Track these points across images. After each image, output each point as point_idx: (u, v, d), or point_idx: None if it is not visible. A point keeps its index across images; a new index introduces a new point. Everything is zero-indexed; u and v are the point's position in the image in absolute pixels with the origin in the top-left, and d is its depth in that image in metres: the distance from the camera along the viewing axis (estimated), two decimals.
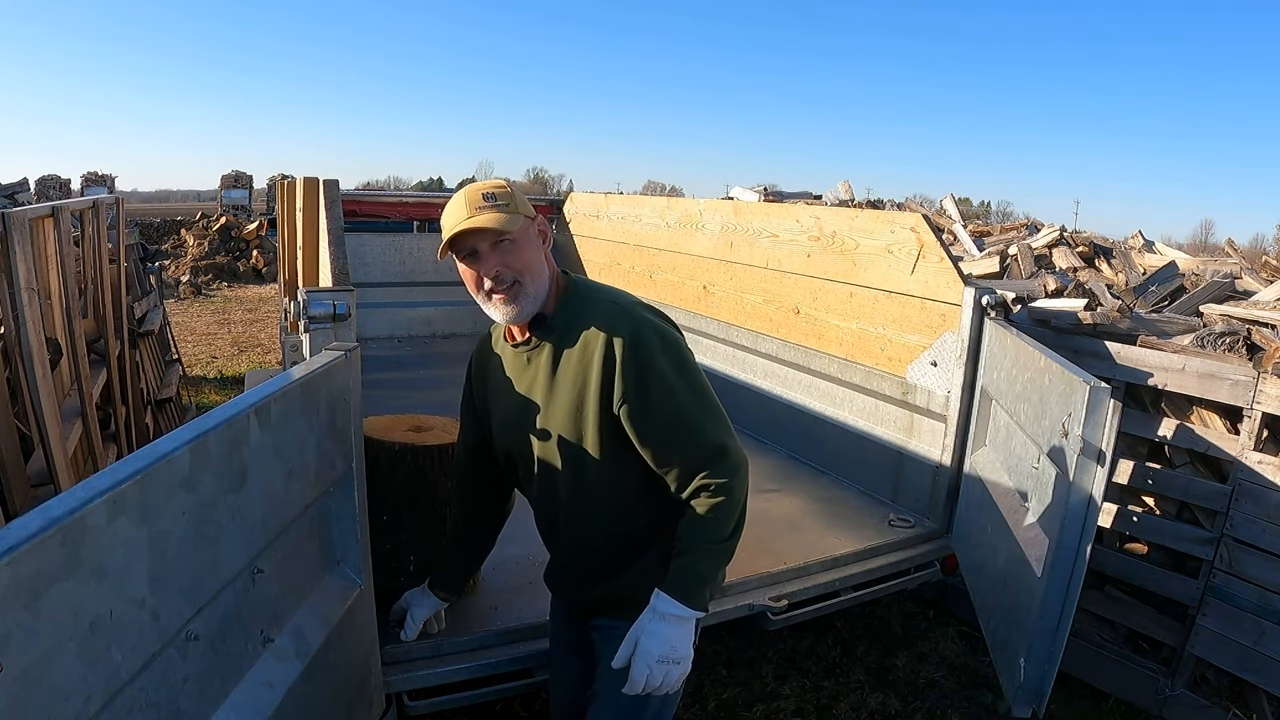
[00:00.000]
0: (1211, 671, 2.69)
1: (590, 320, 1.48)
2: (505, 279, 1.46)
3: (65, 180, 20.34)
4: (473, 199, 1.45)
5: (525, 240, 1.48)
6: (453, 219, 1.46)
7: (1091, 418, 1.86)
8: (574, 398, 1.48)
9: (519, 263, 1.46)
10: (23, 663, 0.79)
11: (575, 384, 1.48)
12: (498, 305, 1.49)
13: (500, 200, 1.45)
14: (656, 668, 1.43)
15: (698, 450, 1.45)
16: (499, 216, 1.43)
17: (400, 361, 4.82)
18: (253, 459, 1.24)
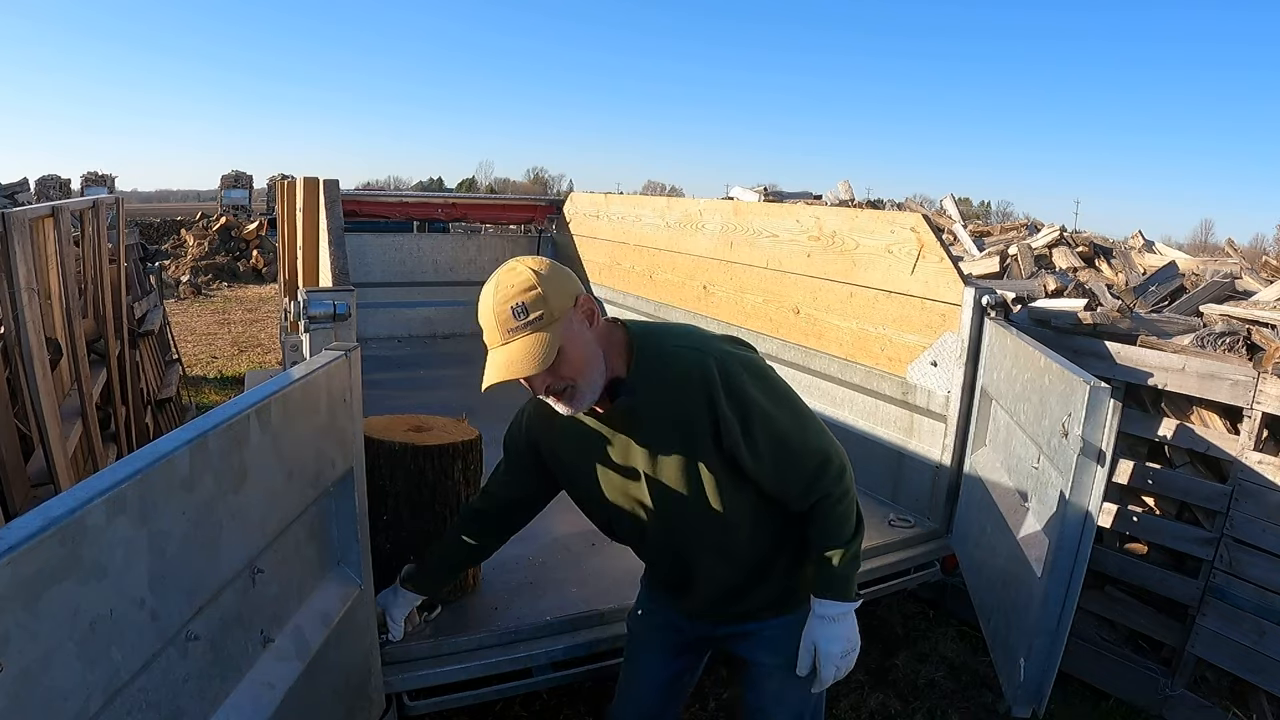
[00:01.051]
0: (1211, 671, 2.69)
1: (673, 371, 1.44)
2: (556, 388, 1.40)
3: (65, 180, 20.35)
4: (503, 319, 1.35)
5: (570, 346, 1.37)
6: (488, 337, 1.39)
7: (1091, 418, 1.86)
8: (682, 449, 1.46)
9: (569, 371, 1.38)
10: (23, 663, 0.79)
11: (679, 435, 1.46)
12: (557, 405, 1.44)
13: (532, 314, 1.34)
14: (841, 662, 1.56)
15: (807, 467, 1.48)
16: (534, 351, 1.33)
17: (400, 361, 4.82)
18: (253, 459, 1.24)
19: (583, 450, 1.57)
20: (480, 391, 1.42)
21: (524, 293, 1.35)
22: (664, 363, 1.45)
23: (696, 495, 1.49)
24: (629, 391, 1.44)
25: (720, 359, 1.43)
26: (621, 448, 1.51)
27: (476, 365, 1.43)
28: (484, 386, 1.36)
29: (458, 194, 10.79)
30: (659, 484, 1.50)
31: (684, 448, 1.46)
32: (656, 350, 1.47)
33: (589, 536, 2.42)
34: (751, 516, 1.54)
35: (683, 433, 1.45)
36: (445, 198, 6.12)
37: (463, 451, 2.08)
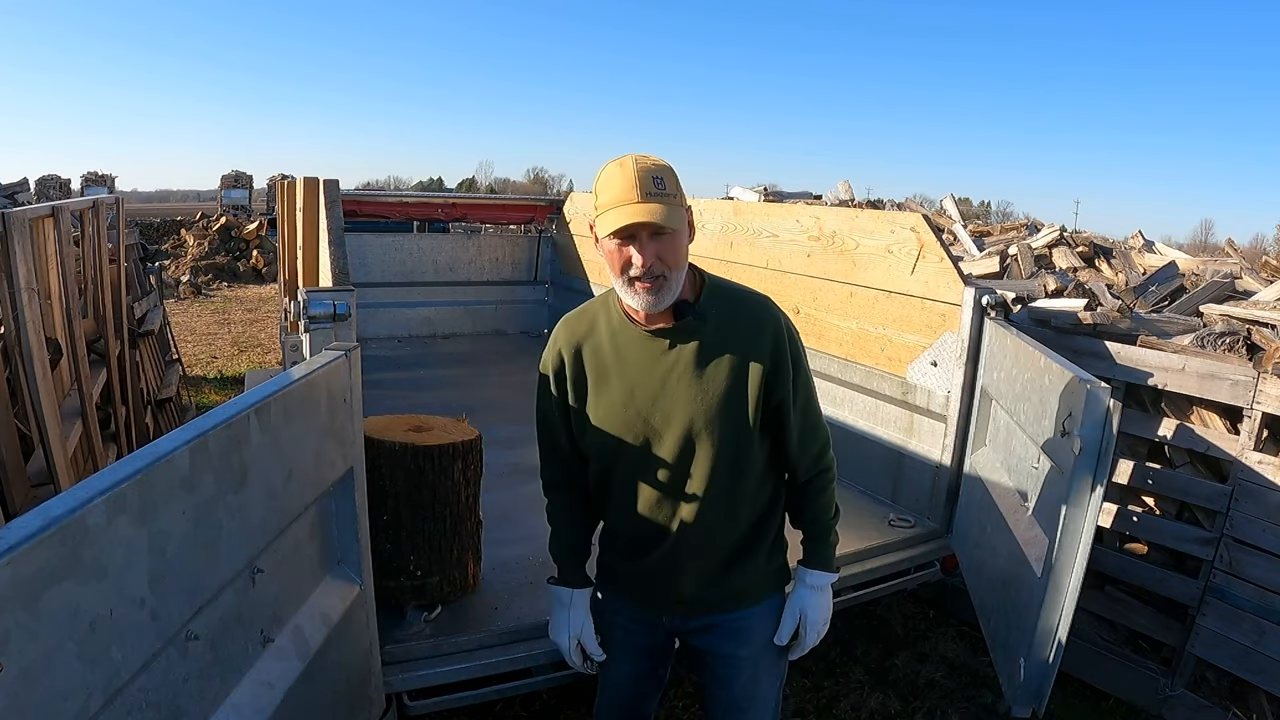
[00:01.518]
0: (1211, 671, 2.69)
1: (745, 313, 1.52)
2: (655, 272, 1.42)
3: (65, 180, 20.34)
4: (643, 181, 1.39)
5: (682, 235, 1.45)
6: (617, 197, 1.39)
7: (1091, 418, 1.85)
8: (732, 385, 1.49)
9: (672, 258, 1.43)
10: (23, 663, 0.79)
11: (735, 372, 1.49)
12: (639, 293, 1.44)
13: (669, 190, 1.41)
14: (822, 629, 1.65)
15: (819, 439, 1.61)
16: (666, 210, 1.39)
17: (400, 361, 4.82)
18: (253, 459, 1.24)
19: (623, 358, 1.54)
20: (481, 391, 1.42)
21: (664, 170, 1.43)
22: (737, 298, 1.55)
23: (726, 434, 1.50)
24: (698, 314, 1.50)
25: (783, 316, 1.54)
26: (666, 368, 1.51)
27: (477, 365, 1.42)
28: (614, 228, 1.38)
29: (458, 194, 10.79)
30: (690, 415, 1.50)
31: (736, 383, 1.49)
32: (728, 287, 1.57)
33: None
34: (759, 474, 1.57)
35: (740, 370, 1.49)
36: (445, 198, 6.12)
37: (463, 451, 2.08)
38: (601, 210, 1.42)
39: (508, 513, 2.60)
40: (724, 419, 1.50)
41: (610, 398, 1.55)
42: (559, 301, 5.70)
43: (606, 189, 1.42)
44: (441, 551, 2.08)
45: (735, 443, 1.52)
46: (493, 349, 5.30)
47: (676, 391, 1.51)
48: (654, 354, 1.52)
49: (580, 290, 5.27)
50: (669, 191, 1.41)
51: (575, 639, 1.68)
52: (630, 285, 1.44)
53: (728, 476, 1.54)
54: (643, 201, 1.37)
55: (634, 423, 1.54)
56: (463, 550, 2.13)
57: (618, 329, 1.55)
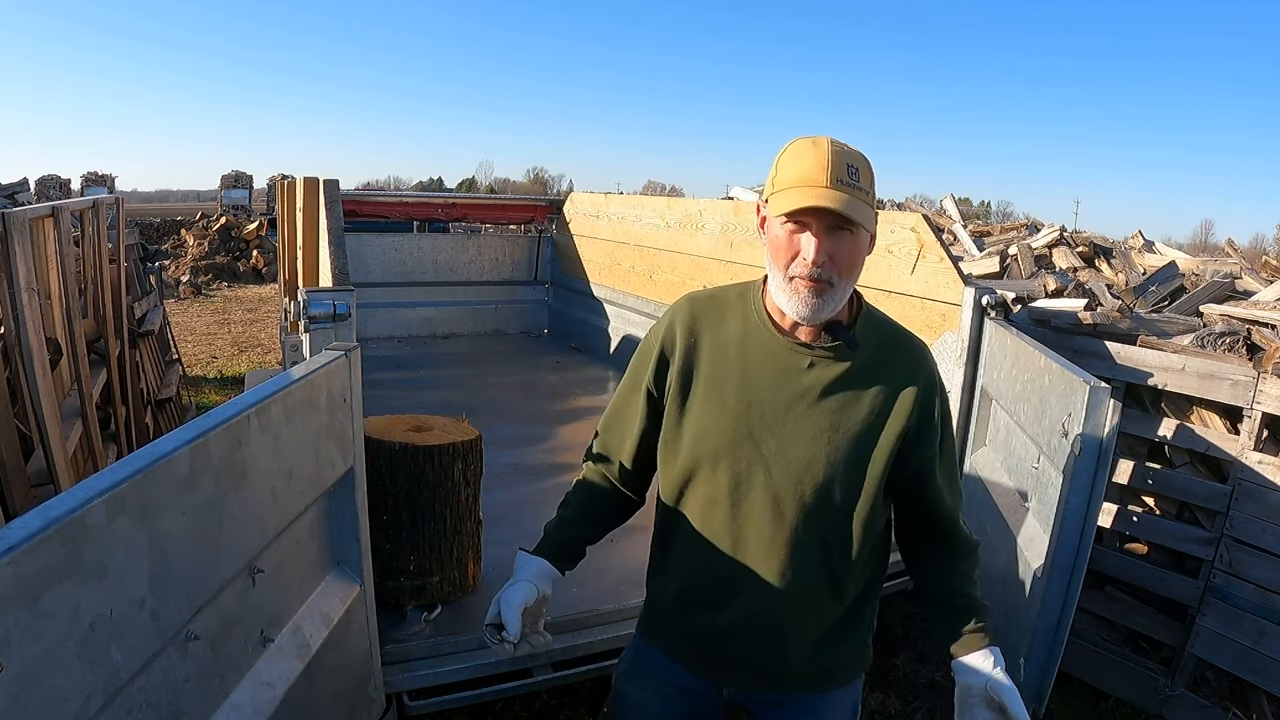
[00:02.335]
0: (1211, 671, 2.69)
1: (900, 350, 1.32)
2: (825, 275, 1.21)
3: (65, 180, 20.34)
4: (837, 166, 1.18)
5: (863, 240, 1.24)
6: (803, 176, 1.19)
7: (1091, 418, 1.86)
8: (870, 431, 1.27)
9: (848, 262, 1.23)
10: (23, 663, 0.79)
11: (877, 418, 1.27)
12: (799, 294, 1.23)
13: (864, 186, 1.20)
14: None
15: (960, 506, 1.39)
16: (858, 205, 1.18)
17: (400, 361, 4.82)
18: (253, 459, 1.24)
19: (750, 364, 1.31)
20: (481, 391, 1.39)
21: (862, 161, 1.22)
22: (893, 334, 1.34)
23: (861, 469, 1.27)
24: (854, 342, 1.28)
25: (935, 366, 1.35)
26: (801, 386, 1.28)
27: (477, 365, 1.41)
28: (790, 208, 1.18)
29: (458, 194, 10.80)
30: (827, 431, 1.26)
31: (873, 422, 1.27)
32: (884, 320, 1.37)
33: None
34: (876, 540, 1.34)
35: (885, 405, 1.27)
36: (445, 198, 6.13)
37: (463, 451, 2.08)
38: (779, 189, 1.22)
39: (508, 513, 2.60)
40: (853, 468, 1.27)
41: (719, 406, 1.30)
42: (559, 302, 5.71)
43: (791, 165, 1.21)
44: (441, 551, 2.08)
45: (859, 498, 1.28)
46: (493, 349, 5.30)
47: (804, 421, 1.27)
48: (789, 370, 1.29)
49: (580, 290, 5.28)
50: (863, 186, 1.20)
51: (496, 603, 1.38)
52: (789, 282, 1.24)
53: (841, 535, 1.30)
54: (831, 187, 1.17)
55: (739, 444, 1.28)
56: (463, 550, 2.13)
57: (754, 328, 1.32)
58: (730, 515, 1.31)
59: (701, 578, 1.35)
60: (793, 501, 1.27)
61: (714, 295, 1.41)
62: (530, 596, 1.39)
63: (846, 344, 1.28)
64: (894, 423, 1.27)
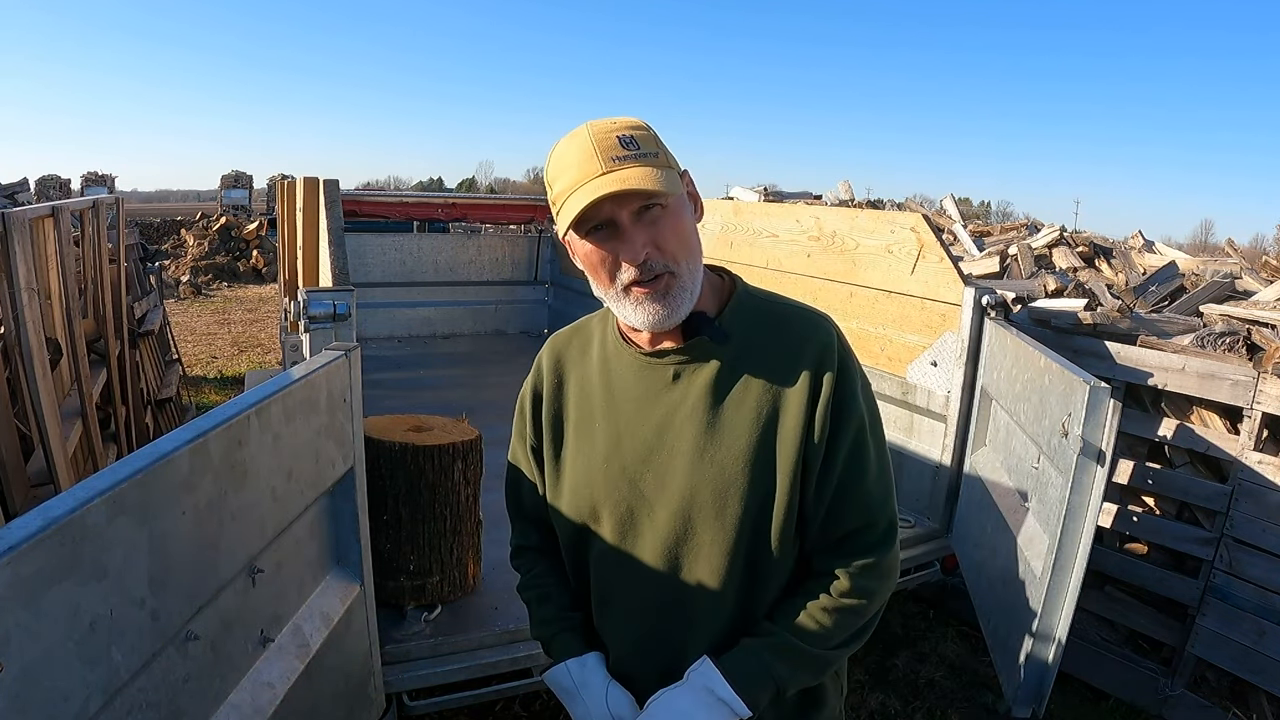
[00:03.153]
0: (1211, 671, 2.69)
1: (784, 330, 1.07)
2: (654, 266, 1.00)
3: (65, 180, 20.33)
4: (605, 144, 0.98)
5: (681, 208, 1.02)
6: (576, 175, 0.98)
7: (1091, 418, 1.86)
8: (755, 428, 1.04)
9: (674, 242, 1.00)
10: (23, 663, 0.79)
11: (763, 415, 1.04)
12: (640, 304, 1.02)
13: (643, 146, 0.99)
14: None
15: (859, 524, 1.07)
16: (649, 172, 0.96)
17: (400, 361, 4.82)
18: (253, 459, 1.24)
19: (614, 394, 1.12)
20: (481, 391, 1.38)
21: (634, 128, 1.01)
22: (776, 316, 1.09)
23: (752, 490, 1.04)
24: (719, 335, 1.06)
25: (842, 345, 1.07)
26: (671, 405, 1.07)
27: (477, 365, 1.40)
28: (584, 205, 0.96)
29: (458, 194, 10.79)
30: (706, 450, 1.04)
31: (763, 430, 1.04)
32: (765, 299, 1.12)
33: None
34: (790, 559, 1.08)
35: (770, 412, 1.04)
36: (445, 198, 6.13)
37: (463, 451, 2.08)
38: (559, 203, 1.01)
39: (508, 513, 2.60)
40: (750, 486, 1.04)
41: (589, 450, 1.12)
42: (559, 302, 5.71)
43: (559, 172, 1.01)
44: (441, 551, 2.08)
45: (771, 522, 1.04)
46: (493, 349, 5.30)
47: (678, 445, 1.06)
48: (653, 388, 1.09)
49: (580, 290, 5.27)
50: (647, 150, 0.99)
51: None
52: (626, 295, 1.03)
53: (745, 577, 1.06)
54: (610, 170, 0.96)
55: (616, 487, 1.09)
56: (463, 550, 2.13)
57: (613, 352, 1.13)
58: (620, 572, 1.11)
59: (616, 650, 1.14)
60: (687, 543, 1.06)
61: (577, 327, 1.22)
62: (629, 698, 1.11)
63: (710, 338, 1.06)
64: (788, 417, 1.03)
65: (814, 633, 1.05)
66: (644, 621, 1.11)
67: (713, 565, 1.06)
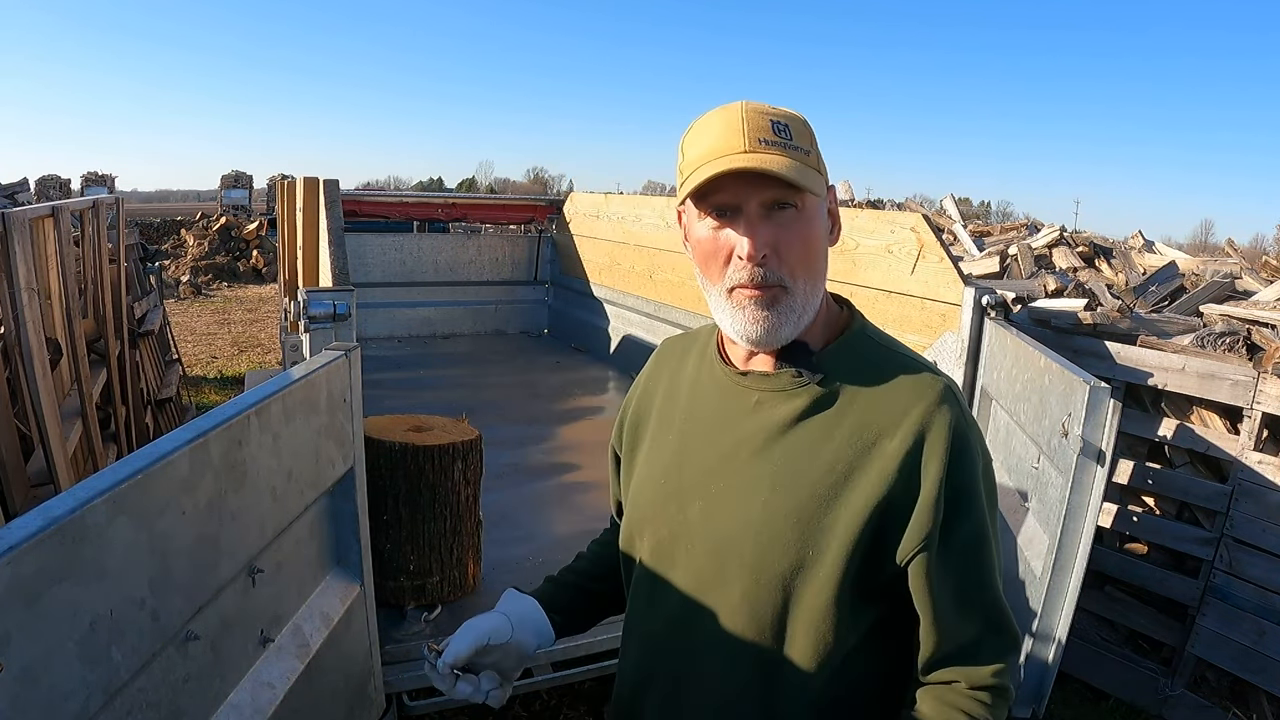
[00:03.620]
0: (1211, 671, 2.69)
1: (894, 384, 0.92)
2: (769, 276, 0.88)
3: (65, 180, 20.33)
4: (755, 123, 0.87)
5: (816, 218, 0.91)
6: (714, 145, 0.88)
7: (1091, 418, 1.86)
8: (824, 486, 0.89)
9: (798, 253, 0.89)
10: (23, 663, 0.79)
11: (840, 469, 0.89)
12: (742, 307, 0.90)
13: (796, 139, 0.88)
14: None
15: (979, 623, 0.93)
16: (794, 164, 0.86)
17: (400, 361, 4.82)
18: (253, 459, 1.24)
19: (694, 408, 1.02)
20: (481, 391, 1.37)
21: (792, 118, 0.90)
22: (887, 365, 0.95)
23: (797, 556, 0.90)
24: (811, 368, 0.93)
25: (962, 415, 0.91)
26: (744, 431, 0.95)
27: (477, 365, 1.39)
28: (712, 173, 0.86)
29: (458, 194, 10.80)
30: (761, 494, 0.92)
31: (834, 485, 0.89)
32: (881, 343, 0.99)
33: (589, 536, 2.41)
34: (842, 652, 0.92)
35: (858, 459, 0.89)
36: (445, 198, 6.13)
37: (463, 451, 2.08)
38: (687, 172, 0.90)
39: (507, 513, 2.60)
40: (797, 549, 0.89)
41: (655, 462, 1.04)
42: (559, 302, 5.71)
43: (697, 140, 0.90)
44: (441, 551, 2.08)
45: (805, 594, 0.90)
46: (493, 349, 5.30)
47: (737, 480, 0.94)
48: (731, 412, 0.97)
49: (580, 290, 5.28)
50: (800, 145, 0.88)
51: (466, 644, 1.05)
52: (729, 296, 0.91)
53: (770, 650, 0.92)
54: (752, 151, 0.85)
55: (665, 508, 1.00)
56: (463, 550, 2.13)
57: (707, 364, 1.03)
58: (647, 599, 1.02)
59: (627, 672, 1.07)
60: (716, 591, 0.94)
61: (686, 334, 1.15)
62: (499, 632, 1.07)
63: (800, 371, 0.93)
64: (865, 487, 0.88)
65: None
66: (656, 656, 1.01)
67: (737, 622, 0.93)
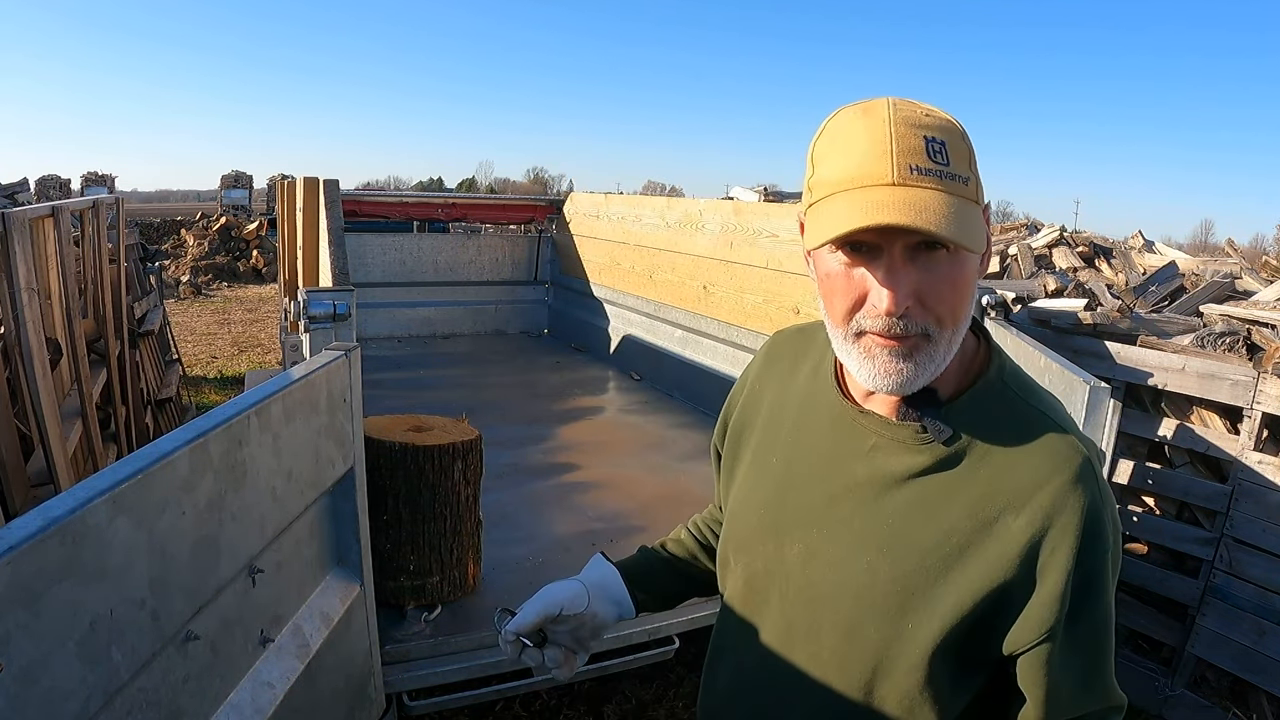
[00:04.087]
0: (1211, 671, 2.69)
1: (1025, 450, 0.81)
2: (910, 327, 0.76)
3: (65, 180, 20.34)
4: (906, 142, 0.73)
5: (970, 259, 0.78)
6: (855, 170, 0.75)
7: (1091, 418, 1.86)
8: (939, 556, 0.81)
9: (948, 301, 0.77)
10: (23, 663, 0.79)
11: (955, 541, 0.81)
12: (873, 357, 0.79)
13: (954, 164, 0.74)
14: None
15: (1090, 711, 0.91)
16: (950, 204, 0.72)
17: (400, 361, 4.82)
18: (253, 459, 1.24)
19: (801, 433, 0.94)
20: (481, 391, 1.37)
21: (947, 132, 0.76)
22: (1025, 424, 0.83)
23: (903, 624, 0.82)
24: (938, 431, 0.83)
25: (1100, 491, 0.81)
26: (862, 474, 0.87)
27: (477, 365, 1.39)
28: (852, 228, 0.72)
29: (458, 194, 10.80)
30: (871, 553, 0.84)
31: (956, 551, 0.81)
32: (1021, 395, 0.86)
33: (589, 537, 2.42)
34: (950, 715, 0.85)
35: (978, 533, 0.80)
36: (445, 198, 6.13)
37: (463, 451, 2.08)
38: (818, 196, 0.78)
39: (508, 513, 2.60)
40: (899, 616, 0.82)
41: (755, 484, 0.97)
42: (559, 302, 5.71)
43: (834, 156, 0.77)
44: (441, 551, 2.08)
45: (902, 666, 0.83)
46: (493, 349, 5.30)
47: (841, 530, 0.87)
48: (843, 450, 0.88)
49: (580, 290, 5.28)
50: (955, 171, 0.74)
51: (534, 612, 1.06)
52: (858, 341, 0.79)
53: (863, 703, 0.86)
54: (902, 184, 0.73)
55: (763, 541, 0.94)
56: (463, 550, 2.13)
57: (822, 385, 0.93)
58: (739, 625, 0.97)
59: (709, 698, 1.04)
60: (808, 641, 0.89)
61: (802, 331, 1.02)
62: (575, 602, 1.06)
63: (930, 423, 0.83)
64: (981, 567, 0.80)
65: None
66: (744, 687, 0.98)
67: (827, 678, 0.88)
